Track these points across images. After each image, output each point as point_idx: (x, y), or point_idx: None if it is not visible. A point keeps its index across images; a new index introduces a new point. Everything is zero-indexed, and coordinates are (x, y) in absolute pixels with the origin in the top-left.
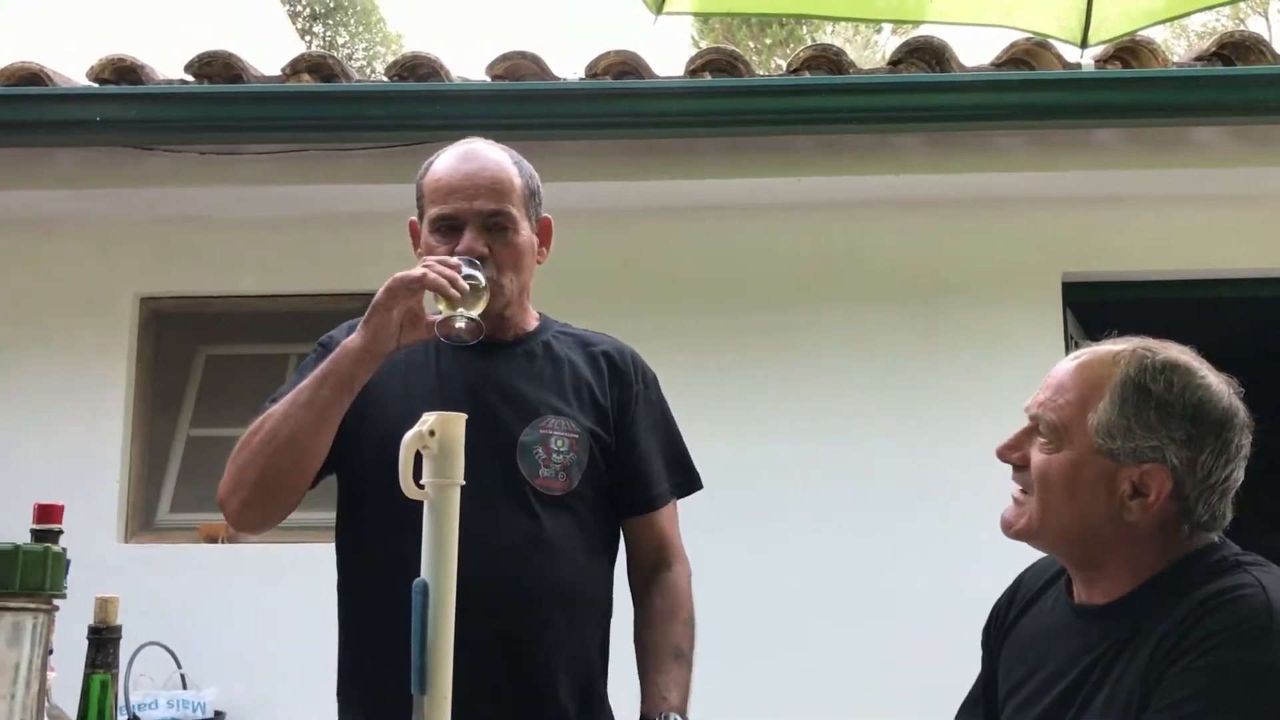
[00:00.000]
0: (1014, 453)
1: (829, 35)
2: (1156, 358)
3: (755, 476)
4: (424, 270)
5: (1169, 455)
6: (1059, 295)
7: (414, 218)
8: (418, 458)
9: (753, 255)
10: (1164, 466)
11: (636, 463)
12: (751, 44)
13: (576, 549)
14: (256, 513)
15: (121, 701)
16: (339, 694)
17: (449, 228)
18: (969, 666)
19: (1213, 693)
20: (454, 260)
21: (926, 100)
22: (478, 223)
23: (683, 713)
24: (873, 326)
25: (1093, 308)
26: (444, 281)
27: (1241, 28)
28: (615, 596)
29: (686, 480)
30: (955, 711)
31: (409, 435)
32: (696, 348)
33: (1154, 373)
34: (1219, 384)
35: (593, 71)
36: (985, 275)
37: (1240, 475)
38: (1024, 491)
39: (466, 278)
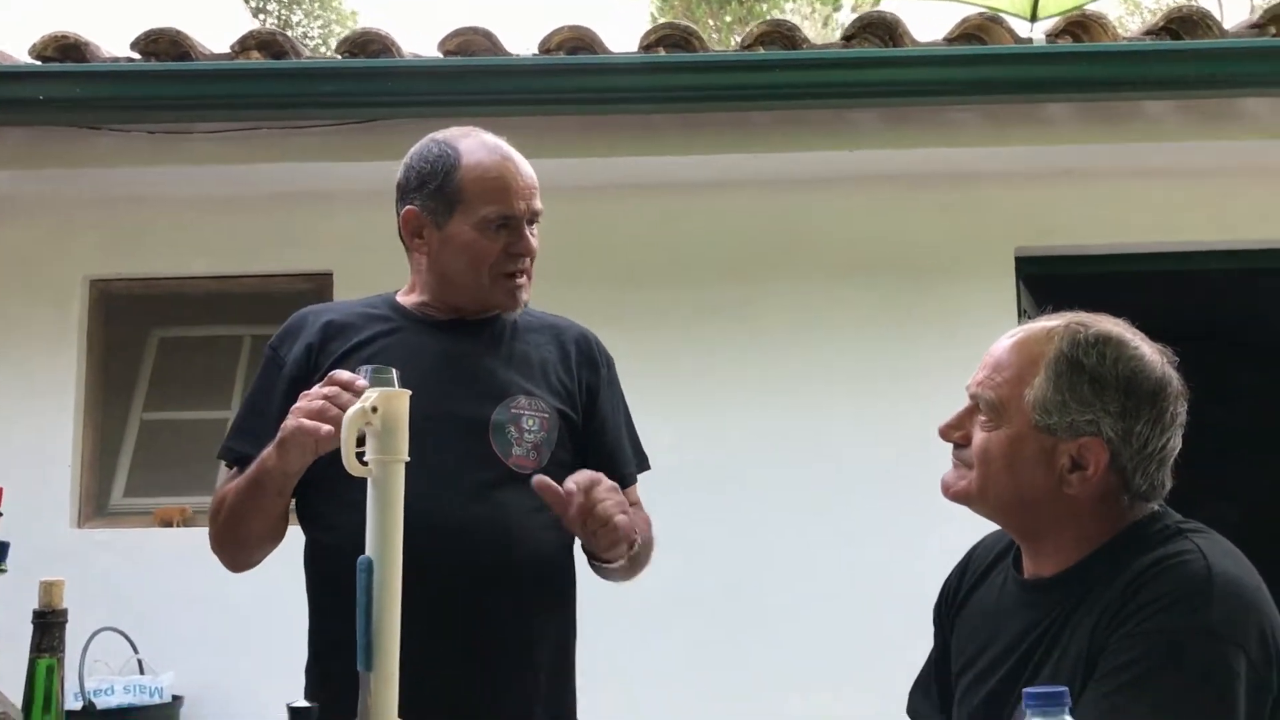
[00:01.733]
0: (956, 432)
1: (786, 12)
2: (1089, 332)
3: (713, 452)
4: (324, 421)
5: (1105, 428)
6: (1012, 269)
7: (412, 207)
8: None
9: (708, 231)
10: (1100, 439)
11: (609, 444)
12: (711, 22)
13: (547, 526)
14: (249, 564)
15: (77, 688)
16: (308, 670)
17: (501, 227)
18: (924, 642)
19: (1154, 657)
20: (361, 382)
21: (879, 75)
22: (528, 220)
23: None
24: (828, 302)
25: (1045, 282)
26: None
27: (1189, 2)
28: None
29: (643, 459)
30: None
31: (351, 412)
32: (653, 325)
33: (1086, 347)
34: (1152, 354)
35: (546, 47)
36: (939, 250)
37: (1177, 443)
38: (965, 465)
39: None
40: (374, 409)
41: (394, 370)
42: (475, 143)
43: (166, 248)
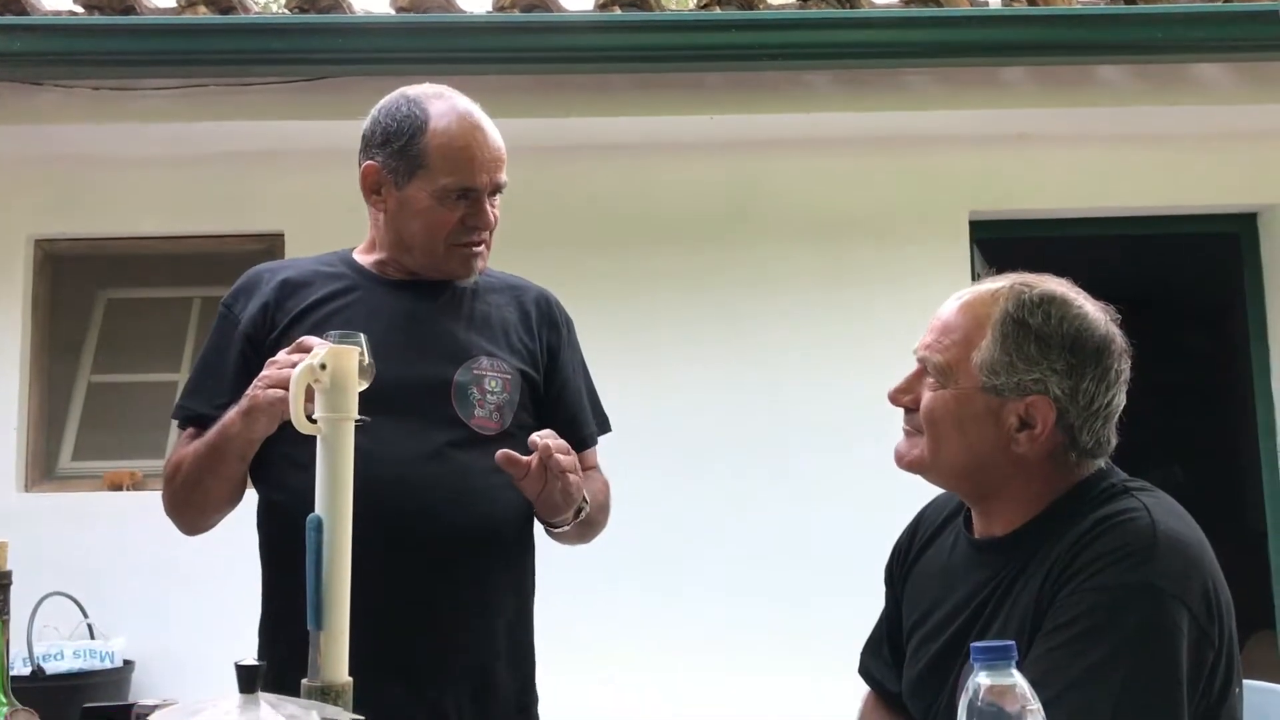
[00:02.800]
0: (905, 396)
1: None
2: (1033, 292)
3: (667, 416)
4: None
5: (1051, 386)
6: (966, 233)
7: (373, 162)
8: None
9: (664, 194)
10: (1047, 398)
11: (570, 405)
12: None
13: (508, 486)
14: (205, 528)
15: (25, 653)
16: (260, 630)
17: (460, 197)
18: (877, 602)
19: (1099, 613)
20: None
21: (836, 37)
22: (490, 193)
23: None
24: (782, 265)
25: (999, 246)
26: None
27: None
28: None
29: (604, 421)
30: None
31: (299, 368)
32: (607, 287)
33: (1032, 307)
34: (1095, 312)
35: (500, 4)
36: (894, 214)
37: (1122, 400)
38: (916, 430)
39: None
40: (322, 366)
41: (362, 336)
42: (446, 106)
43: (113, 207)
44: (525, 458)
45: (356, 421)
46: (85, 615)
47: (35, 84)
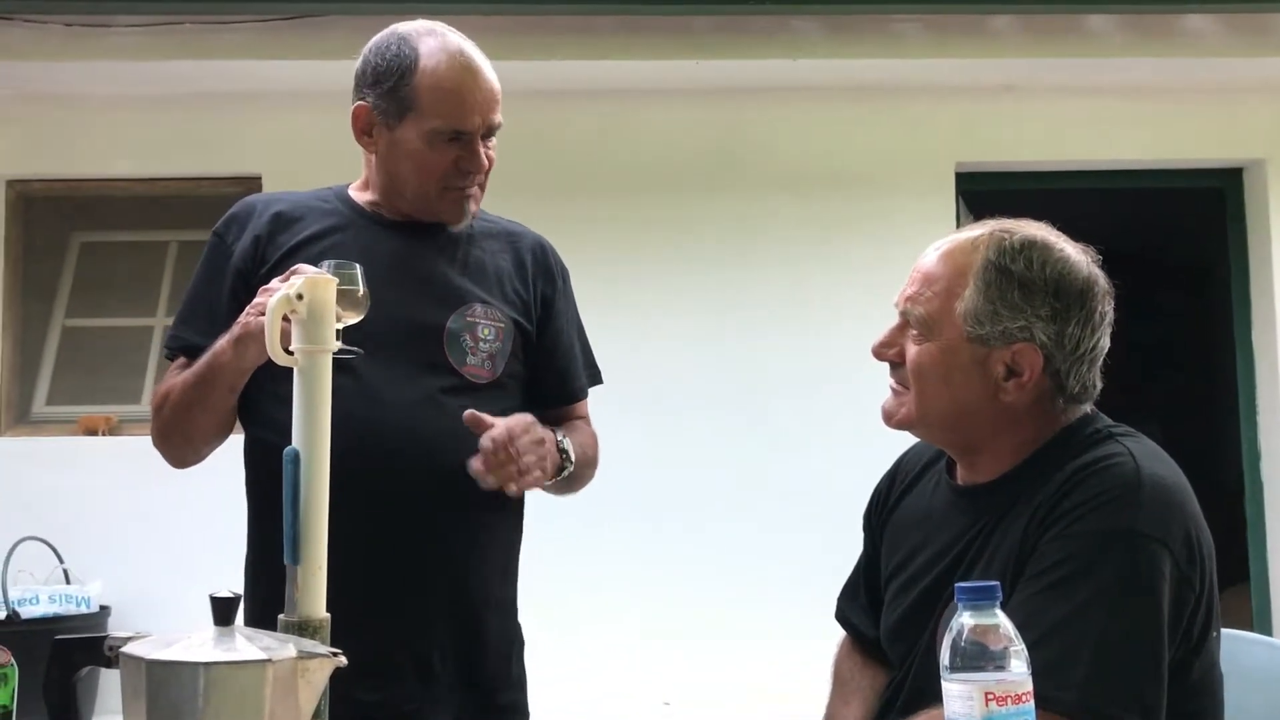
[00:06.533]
0: (889, 349)
1: None
2: (1014, 238)
3: (650, 365)
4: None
5: (1037, 333)
6: (952, 185)
7: (364, 103)
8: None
9: (648, 141)
10: (1033, 345)
11: (561, 357)
12: None
13: None
14: (193, 460)
15: (1, 598)
16: (246, 569)
17: (452, 140)
18: (852, 551)
19: (1082, 557)
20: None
21: None
22: (483, 134)
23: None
24: (766, 215)
25: (985, 197)
26: None
27: None
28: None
29: (595, 373)
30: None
31: (274, 299)
32: (587, 234)
33: (1013, 253)
34: (1077, 254)
35: None
36: (880, 165)
37: (1106, 342)
38: (903, 385)
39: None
40: (299, 296)
41: (358, 266)
42: (437, 45)
43: (88, 147)
44: (490, 418)
45: (342, 353)
46: (61, 560)
47: (6, 19)
